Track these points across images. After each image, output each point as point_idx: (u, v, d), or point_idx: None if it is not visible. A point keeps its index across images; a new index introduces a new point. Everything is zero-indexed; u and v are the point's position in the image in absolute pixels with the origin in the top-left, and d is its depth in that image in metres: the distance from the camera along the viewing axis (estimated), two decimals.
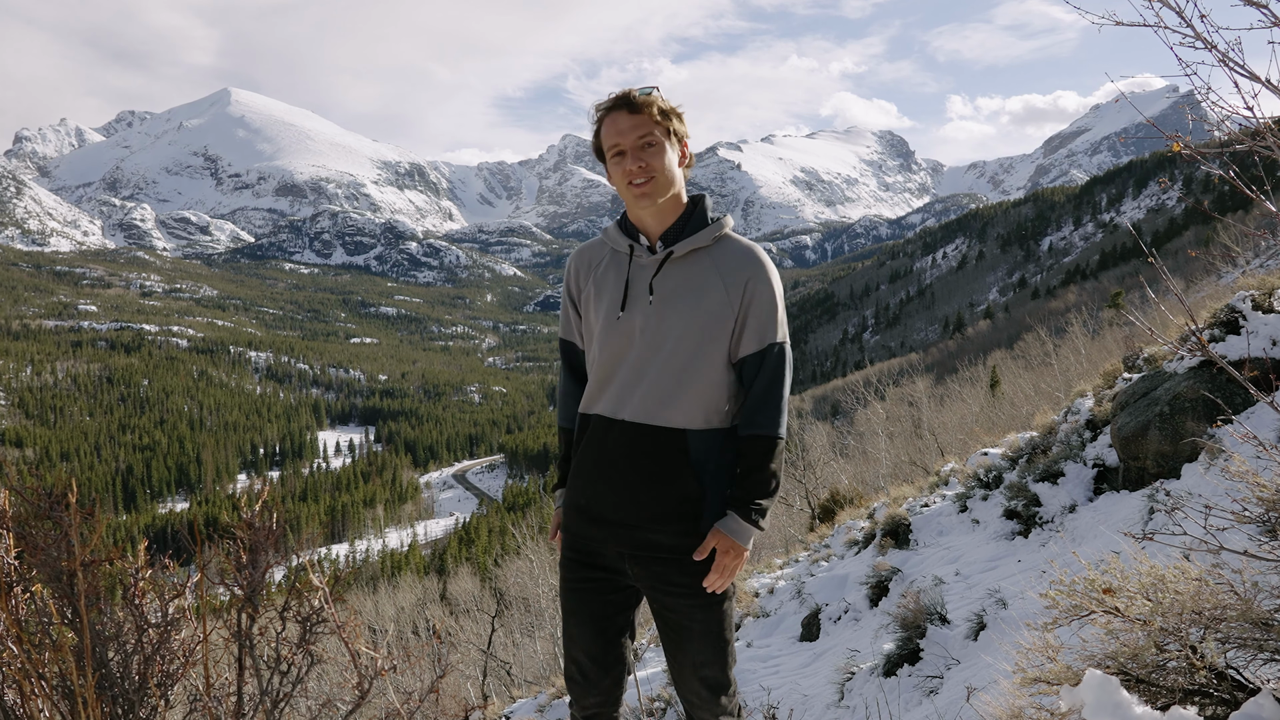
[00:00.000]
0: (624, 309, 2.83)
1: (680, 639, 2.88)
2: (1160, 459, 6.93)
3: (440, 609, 33.90)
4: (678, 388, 2.78)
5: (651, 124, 2.75)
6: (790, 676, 8.22)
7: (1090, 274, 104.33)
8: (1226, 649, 2.64)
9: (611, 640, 2.93)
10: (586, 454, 2.88)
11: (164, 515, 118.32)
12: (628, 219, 2.92)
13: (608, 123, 2.78)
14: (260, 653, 3.19)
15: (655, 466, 2.78)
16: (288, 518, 3.31)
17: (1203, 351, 6.63)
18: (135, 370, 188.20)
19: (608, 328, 2.84)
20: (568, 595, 2.95)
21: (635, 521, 2.80)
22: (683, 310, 2.79)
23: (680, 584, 2.82)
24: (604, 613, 2.91)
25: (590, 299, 2.93)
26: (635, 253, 2.87)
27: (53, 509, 2.94)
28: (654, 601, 2.90)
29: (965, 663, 5.85)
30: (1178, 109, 4.97)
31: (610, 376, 2.84)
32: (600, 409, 2.85)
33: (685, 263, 2.85)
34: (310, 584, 3.23)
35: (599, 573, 2.90)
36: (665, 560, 2.82)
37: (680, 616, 2.85)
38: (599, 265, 2.95)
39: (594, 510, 2.86)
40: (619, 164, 2.77)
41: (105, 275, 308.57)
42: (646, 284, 2.83)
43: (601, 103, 2.82)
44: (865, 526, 12.92)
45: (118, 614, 3.10)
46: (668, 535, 2.80)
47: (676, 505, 2.79)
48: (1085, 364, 25.89)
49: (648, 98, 2.77)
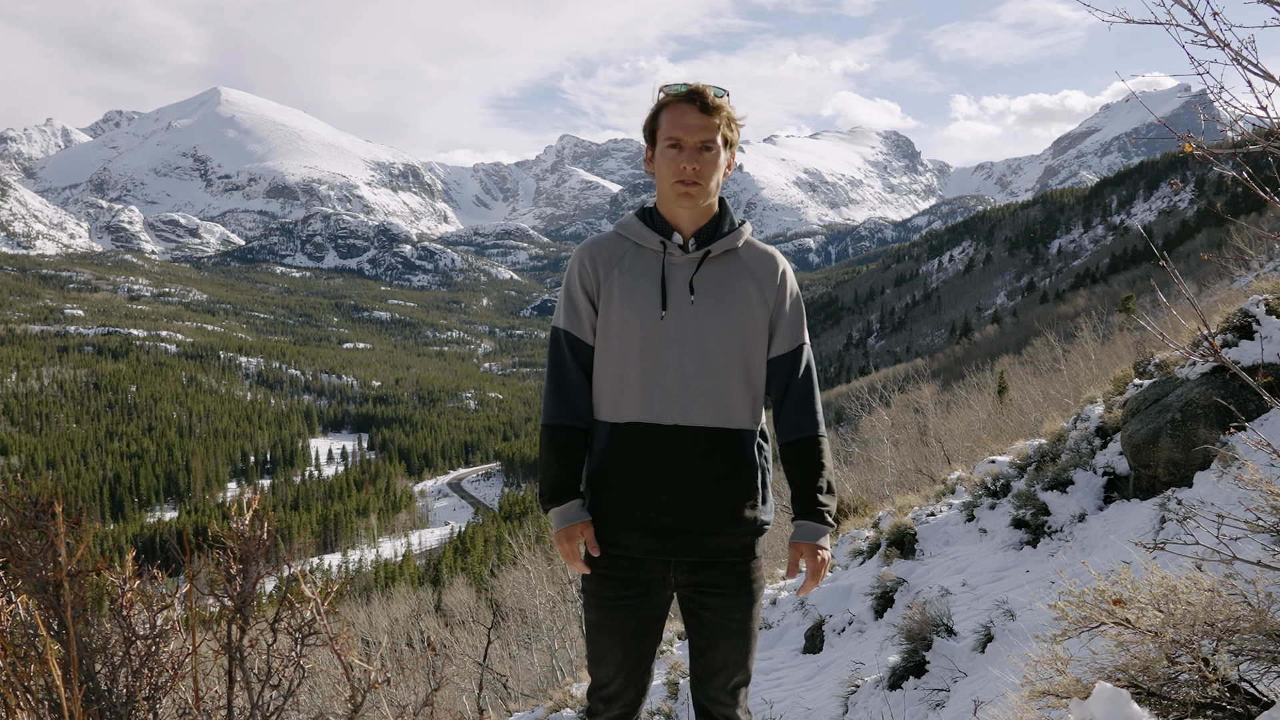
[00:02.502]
0: (665, 309, 2.81)
1: (715, 639, 2.90)
2: (1172, 467, 6.93)
3: (435, 620, 33.86)
4: (730, 390, 2.82)
5: (716, 130, 2.76)
6: (793, 689, 8.21)
7: (1100, 277, 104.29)
8: (1240, 661, 2.64)
9: (644, 655, 2.93)
10: (635, 463, 2.82)
11: (152, 524, 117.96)
12: (656, 214, 2.90)
13: (674, 111, 2.78)
14: (251, 665, 3.19)
15: (726, 468, 2.81)
16: (279, 527, 3.32)
17: (1215, 357, 6.64)
18: (123, 376, 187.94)
19: (647, 328, 2.81)
20: (603, 613, 2.90)
21: (701, 527, 2.81)
22: (726, 311, 2.83)
23: (725, 585, 2.86)
24: (640, 629, 2.90)
25: (615, 295, 2.85)
26: (667, 250, 2.85)
27: (38, 518, 2.94)
28: (692, 604, 2.91)
29: (972, 675, 5.85)
30: (1190, 109, 4.98)
31: (651, 380, 2.80)
32: (645, 415, 2.81)
33: (720, 263, 2.87)
34: (302, 595, 3.23)
35: (640, 588, 2.87)
36: (713, 564, 2.85)
37: (720, 617, 2.88)
38: (621, 260, 2.89)
39: (659, 522, 2.80)
40: (673, 157, 2.76)
41: (92, 279, 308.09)
42: (686, 283, 2.83)
43: (672, 86, 2.81)
44: (870, 536, 12.91)
45: (105, 626, 3.10)
46: (733, 537, 2.84)
47: (743, 506, 2.83)
48: (1095, 370, 25.85)
49: (721, 101, 2.78)
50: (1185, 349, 4.54)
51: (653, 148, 2.85)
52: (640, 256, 2.88)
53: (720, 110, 2.76)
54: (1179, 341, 7.21)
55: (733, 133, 2.82)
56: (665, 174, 2.79)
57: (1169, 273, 2.90)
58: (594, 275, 2.90)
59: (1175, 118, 7.80)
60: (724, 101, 2.78)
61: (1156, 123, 3.30)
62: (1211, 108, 3.10)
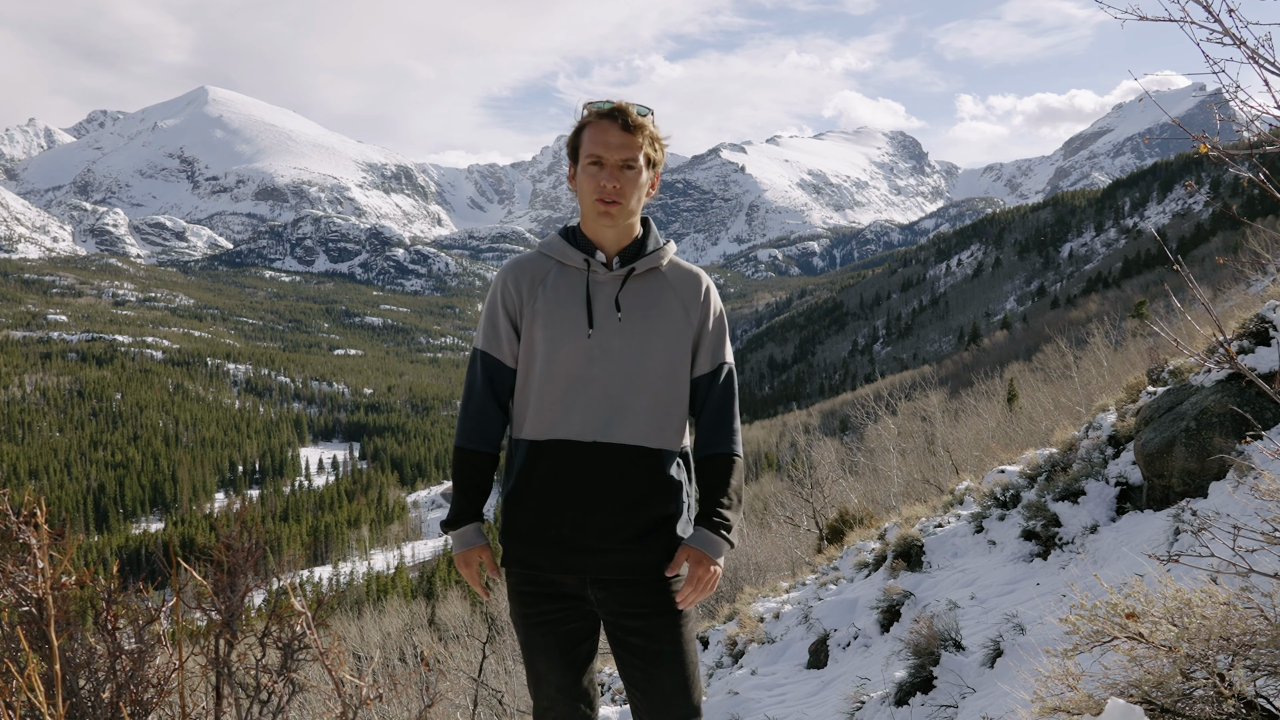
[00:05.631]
0: (592, 327, 2.83)
1: (649, 665, 2.90)
2: (1186, 477, 6.93)
3: (429, 635, 33.82)
4: (654, 408, 2.86)
5: (638, 148, 2.80)
6: (797, 706, 8.21)
7: (1113, 282, 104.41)
8: (1256, 677, 2.65)
9: (581, 668, 2.95)
10: (552, 480, 2.85)
11: (138, 536, 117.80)
12: (579, 232, 2.95)
13: (596, 129, 2.81)
14: (239, 680, 3.19)
15: (642, 487, 2.84)
16: (268, 539, 3.32)
17: (1231, 364, 6.64)
18: (107, 383, 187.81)
19: (573, 347, 2.83)
20: (530, 630, 2.94)
21: (614, 545, 2.83)
22: (651, 329, 2.86)
23: (649, 604, 2.88)
24: (571, 642, 2.93)
25: (539, 316, 2.88)
26: (591, 268, 2.89)
27: (20, 529, 2.94)
28: (618, 629, 2.92)
29: (981, 691, 5.84)
30: (1204, 108, 5.01)
31: (574, 398, 2.83)
32: (565, 433, 2.83)
33: (645, 281, 2.92)
34: (291, 608, 3.23)
35: (562, 602, 2.90)
36: (634, 582, 2.86)
37: (648, 641, 2.88)
38: (544, 279, 2.92)
39: (571, 539, 2.83)
40: (593, 175, 2.80)
41: (76, 283, 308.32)
42: (611, 301, 2.86)
43: (595, 104, 2.85)
44: (876, 548, 12.91)
45: (89, 640, 3.10)
46: (650, 554, 2.86)
47: (659, 524, 2.86)
48: (1107, 377, 25.88)
49: (643, 120, 2.81)
50: (1200, 355, 4.55)
51: (575, 165, 2.89)
52: (564, 275, 2.92)
53: (643, 129, 2.80)
54: (1194, 348, 7.22)
55: (656, 152, 2.86)
56: (586, 191, 2.82)
57: (1183, 277, 2.91)
58: (516, 296, 2.93)
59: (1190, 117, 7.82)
60: (647, 120, 2.82)
61: (1170, 123, 3.31)
62: (1227, 107, 3.10)
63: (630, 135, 2.78)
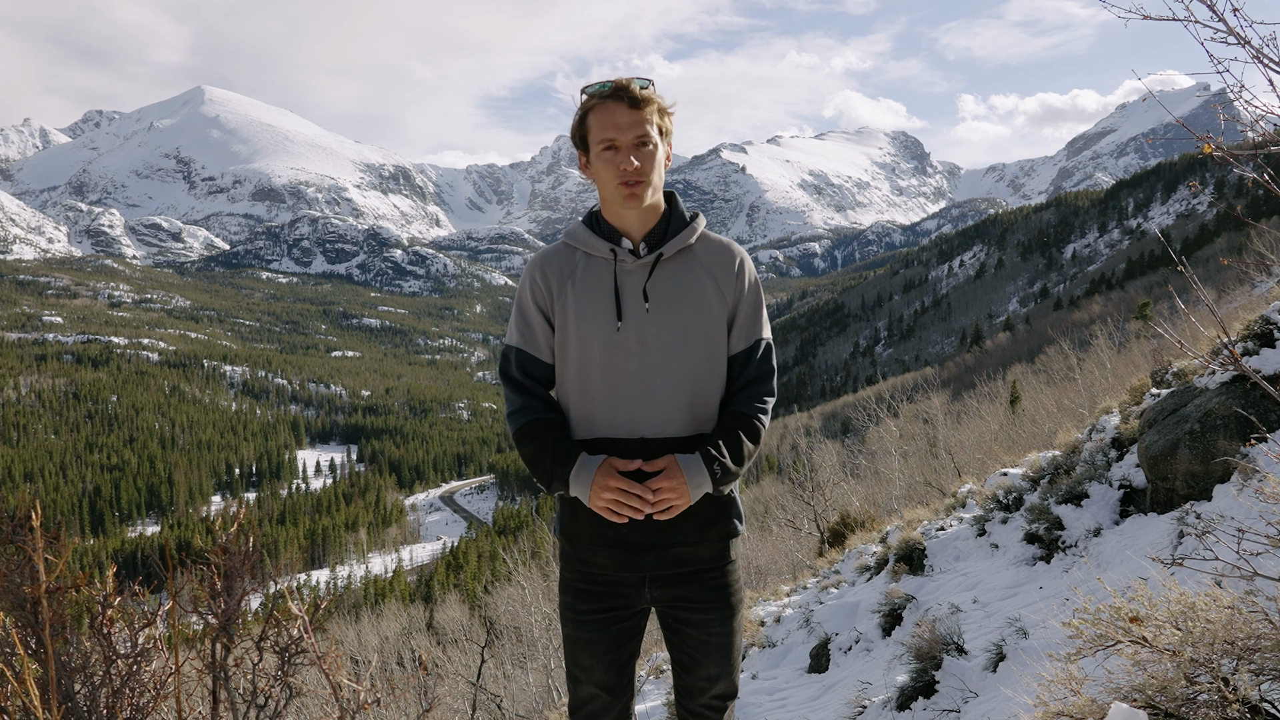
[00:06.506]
0: (621, 319, 2.79)
1: (698, 654, 2.94)
2: (1190, 480, 6.92)
3: (427, 639, 33.80)
4: (695, 396, 2.82)
5: (649, 123, 2.75)
6: (798, 710, 8.20)
7: (1116, 283, 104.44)
8: (1261, 681, 2.64)
9: (624, 667, 2.96)
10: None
11: (134, 539, 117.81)
12: (602, 220, 2.89)
13: (602, 112, 2.76)
14: (236, 685, 3.18)
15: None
16: (265, 542, 3.32)
17: (1235, 365, 6.63)
18: (103, 385, 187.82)
19: (605, 341, 2.79)
20: (580, 627, 2.93)
21: (671, 541, 2.82)
22: (683, 315, 2.81)
23: (704, 599, 2.89)
24: (618, 642, 2.93)
25: (571, 310, 2.83)
26: (618, 257, 2.84)
27: (15, 532, 2.94)
28: (672, 620, 2.94)
29: (983, 696, 5.84)
30: (1209, 108, 5.00)
31: (613, 394, 2.80)
32: (609, 431, 2.80)
33: (675, 264, 2.86)
34: (289, 612, 3.22)
35: (614, 601, 2.90)
36: (690, 577, 2.88)
37: (701, 632, 2.92)
38: (573, 273, 2.87)
39: (629, 538, 2.81)
40: (610, 159, 2.75)
41: (71, 285, 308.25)
42: (639, 290, 2.82)
43: (593, 87, 2.80)
44: (877, 551, 12.92)
45: (85, 644, 3.09)
46: (705, 548, 2.86)
47: (712, 515, 2.85)
48: (1111, 379, 25.88)
49: (648, 93, 2.76)
50: (1204, 357, 4.55)
51: (586, 154, 2.84)
52: (592, 266, 2.87)
53: (650, 102, 2.76)
54: (1198, 350, 7.22)
55: (665, 122, 2.81)
56: (606, 177, 2.77)
57: (1187, 278, 2.91)
58: (546, 290, 2.89)
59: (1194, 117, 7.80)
60: (651, 92, 2.77)
61: (1174, 123, 3.31)
62: (1231, 107, 3.10)
63: (638, 111, 2.73)
